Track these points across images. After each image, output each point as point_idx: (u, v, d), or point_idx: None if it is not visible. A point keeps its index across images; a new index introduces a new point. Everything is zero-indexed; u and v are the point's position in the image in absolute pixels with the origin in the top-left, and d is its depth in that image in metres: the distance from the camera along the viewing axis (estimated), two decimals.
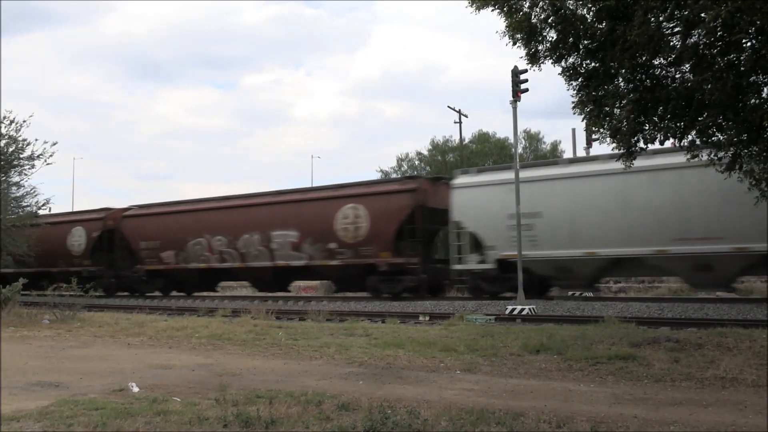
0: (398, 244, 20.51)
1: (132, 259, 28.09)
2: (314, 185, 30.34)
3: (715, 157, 9.24)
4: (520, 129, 31.72)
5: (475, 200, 19.37)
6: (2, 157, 21.02)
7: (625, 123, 8.92)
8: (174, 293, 27.99)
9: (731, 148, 8.71)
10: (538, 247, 18.00)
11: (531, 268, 18.15)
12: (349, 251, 21.11)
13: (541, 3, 8.93)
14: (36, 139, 22.00)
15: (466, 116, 39.20)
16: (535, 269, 18.35)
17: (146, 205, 28.91)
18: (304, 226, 22.17)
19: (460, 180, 20.18)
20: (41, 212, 26.45)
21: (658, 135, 8.98)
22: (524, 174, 18.11)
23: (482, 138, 38.80)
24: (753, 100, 7.99)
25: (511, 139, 31.07)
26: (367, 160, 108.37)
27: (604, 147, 18.50)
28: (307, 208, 22.63)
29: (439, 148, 38.49)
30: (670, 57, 8.14)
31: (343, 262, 21.30)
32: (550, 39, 9.09)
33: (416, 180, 21.87)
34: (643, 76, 8.60)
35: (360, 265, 20.97)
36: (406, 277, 20.20)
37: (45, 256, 28.78)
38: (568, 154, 39.19)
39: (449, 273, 20.49)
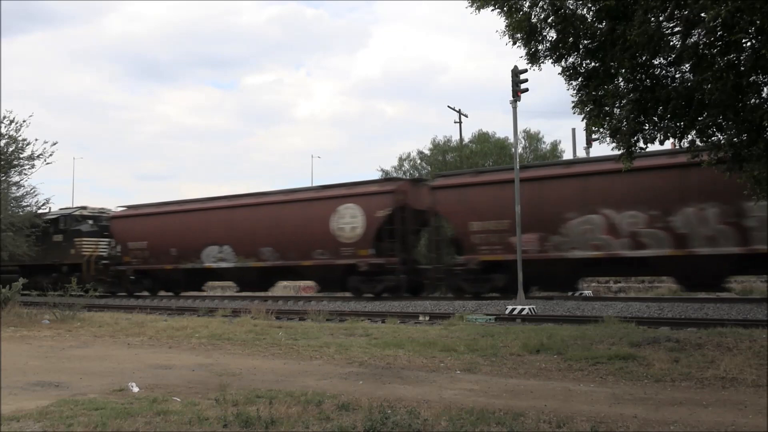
0: None
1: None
2: None
3: (715, 157, 9.24)
4: (519, 129, 31.72)
5: None
6: (2, 157, 20.98)
7: (625, 123, 8.92)
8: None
9: (731, 148, 8.71)
10: None
11: None
12: None
13: (541, 3, 8.92)
14: (36, 139, 21.89)
15: (466, 116, 39.22)
16: None
17: (466, 172, 20.87)
18: None
19: None
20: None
21: (658, 135, 8.98)
22: None
23: (482, 138, 38.78)
24: (753, 100, 7.98)
25: (511, 139, 31.09)
26: (367, 160, 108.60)
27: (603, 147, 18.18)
28: None
29: (440, 148, 38.50)
30: (670, 57, 8.14)
31: None
32: (550, 39, 9.08)
33: None
34: (643, 76, 8.59)
35: None
36: None
37: (288, 246, 22.07)
38: (568, 154, 39.23)
39: None
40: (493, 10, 9.25)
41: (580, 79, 9.17)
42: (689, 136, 8.93)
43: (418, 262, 21.88)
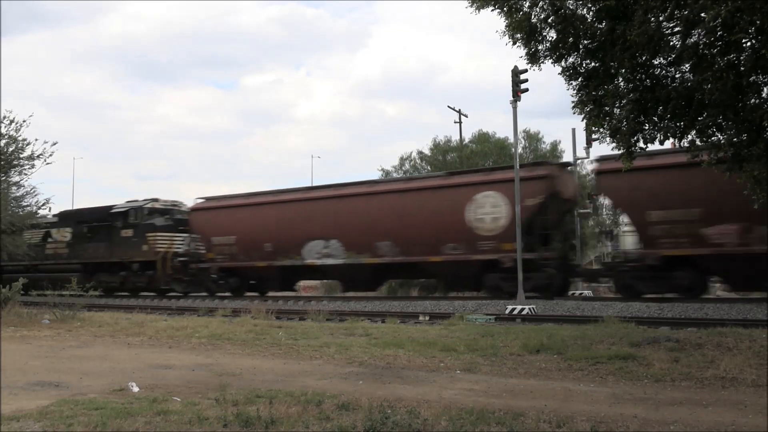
0: None
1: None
2: None
3: (715, 157, 9.25)
4: (519, 129, 31.69)
5: None
6: (2, 157, 20.97)
7: (624, 123, 8.92)
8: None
9: (731, 148, 8.71)
10: None
11: None
12: None
13: (541, 3, 8.92)
14: (36, 139, 21.89)
15: (466, 116, 39.23)
16: None
17: (637, 154, 17.70)
18: None
19: None
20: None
21: (658, 135, 8.98)
22: None
23: (482, 138, 38.77)
24: (753, 100, 7.99)
25: (511, 139, 31.09)
26: (367, 160, 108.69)
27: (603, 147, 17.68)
28: None
29: (440, 148, 38.50)
30: (670, 57, 8.14)
31: None
32: (550, 39, 9.09)
33: None
34: (643, 76, 8.59)
35: None
36: None
37: (412, 240, 19.74)
38: (568, 154, 39.20)
39: None
40: (493, 10, 9.25)
41: (580, 79, 9.17)
42: (689, 136, 8.93)
43: (570, 257, 19.58)
